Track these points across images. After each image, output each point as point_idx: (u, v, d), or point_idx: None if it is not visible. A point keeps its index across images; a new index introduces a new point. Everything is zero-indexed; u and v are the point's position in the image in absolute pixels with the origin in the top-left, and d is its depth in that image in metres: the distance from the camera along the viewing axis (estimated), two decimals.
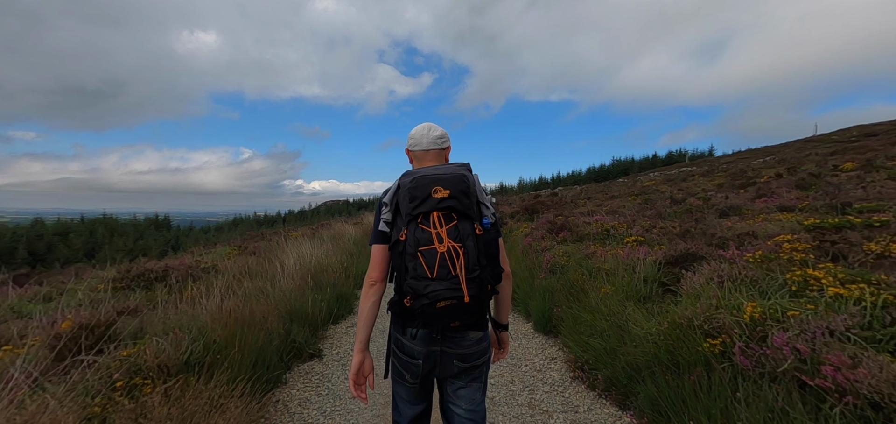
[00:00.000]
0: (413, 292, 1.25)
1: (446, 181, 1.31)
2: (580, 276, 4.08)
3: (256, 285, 4.43)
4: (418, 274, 1.25)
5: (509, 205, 14.33)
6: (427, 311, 1.25)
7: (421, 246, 1.26)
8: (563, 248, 5.46)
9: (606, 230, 5.94)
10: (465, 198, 1.31)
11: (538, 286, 4.64)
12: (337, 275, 5.86)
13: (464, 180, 1.33)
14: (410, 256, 1.27)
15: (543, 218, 7.98)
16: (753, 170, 14.19)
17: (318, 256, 6.78)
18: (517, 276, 5.56)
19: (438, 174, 1.34)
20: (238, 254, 9.02)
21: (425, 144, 1.52)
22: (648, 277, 3.31)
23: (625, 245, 5.10)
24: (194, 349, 2.44)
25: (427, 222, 1.28)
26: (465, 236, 1.27)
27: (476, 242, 1.28)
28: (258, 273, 5.40)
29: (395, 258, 1.35)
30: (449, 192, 1.29)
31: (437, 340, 1.40)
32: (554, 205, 10.28)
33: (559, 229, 6.37)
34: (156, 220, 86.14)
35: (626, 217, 6.73)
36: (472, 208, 1.32)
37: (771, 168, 13.85)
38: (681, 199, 8.00)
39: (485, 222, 1.34)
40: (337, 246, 8.65)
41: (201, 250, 9.67)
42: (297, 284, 4.91)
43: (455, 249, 1.25)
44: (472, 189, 1.35)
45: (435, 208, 1.28)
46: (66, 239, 67.25)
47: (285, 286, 4.69)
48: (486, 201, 1.42)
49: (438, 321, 1.29)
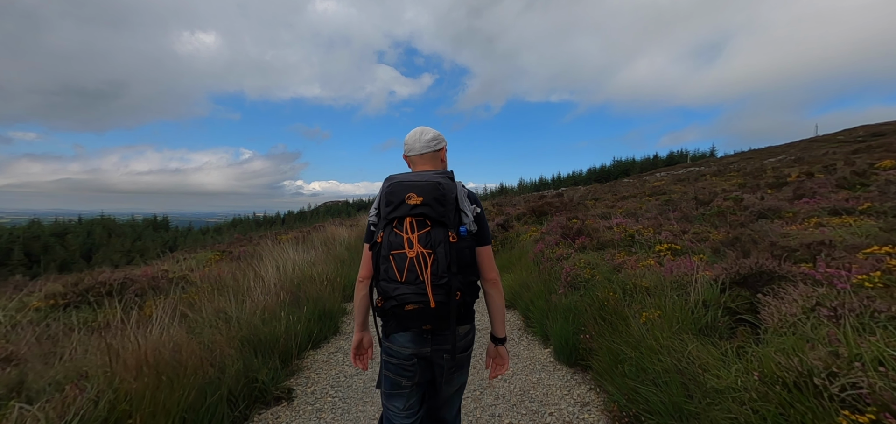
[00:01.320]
0: (383, 293, 1.31)
1: (420, 188, 1.33)
2: (611, 294, 3.32)
3: (218, 305, 3.69)
4: (389, 277, 1.30)
5: (514, 206, 13.58)
6: (396, 313, 1.31)
7: (393, 250, 1.30)
8: (582, 257, 4.71)
9: (631, 236, 5.19)
10: (439, 205, 1.32)
11: (558, 305, 3.89)
12: (322, 288, 5.11)
13: (438, 188, 1.34)
14: (383, 258, 1.32)
15: (554, 221, 7.24)
16: (773, 169, 13.42)
17: (303, 264, 6.03)
18: (530, 289, 4.81)
19: (414, 181, 1.36)
20: (219, 260, 8.28)
21: (418, 149, 1.56)
22: (709, 301, 2.56)
23: (655, 253, 4.35)
24: (87, 417, 1.69)
25: (401, 227, 1.31)
26: (436, 243, 1.29)
27: (448, 249, 1.30)
28: (230, 286, 4.66)
29: (374, 259, 1.39)
30: (422, 199, 1.31)
31: (426, 340, 1.43)
32: (562, 206, 9.53)
33: (575, 235, 5.62)
34: (154, 221, 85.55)
35: (650, 220, 5.98)
36: (447, 215, 1.33)
37: (790, 167, 13.08)
38: (706, 200, 7.25)
39: (461, 230, 1.37)
40: (327, 252, 7.90)
41: (181, 255, 8.93)
42: (272, 300, 4.16)
43: (424, 255, 1.27)
44: (448, 197, 1.35)
45: (408, 214, 1.31)
46: (63, 240, 66.67)
47: (256, 303, 3.94)
48: (468, 209, 1.42)
49: (410, 322, 1.34)
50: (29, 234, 63.00)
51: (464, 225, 1.39)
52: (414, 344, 1.43)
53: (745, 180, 11.06)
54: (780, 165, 15.20)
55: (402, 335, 1.43)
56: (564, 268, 4.45)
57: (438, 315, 1.29)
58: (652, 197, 11.43)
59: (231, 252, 9.13)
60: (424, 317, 1.30)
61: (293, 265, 5.80)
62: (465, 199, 1.44)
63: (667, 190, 13.49)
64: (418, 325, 1.35)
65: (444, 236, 1.30)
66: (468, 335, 1.51)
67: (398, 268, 1.28)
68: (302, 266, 5.87)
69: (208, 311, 3.40)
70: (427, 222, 1.31)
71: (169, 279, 5.32)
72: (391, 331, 1.45)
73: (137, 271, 5.39)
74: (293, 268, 5.65)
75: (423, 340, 1.43)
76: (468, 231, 1.39)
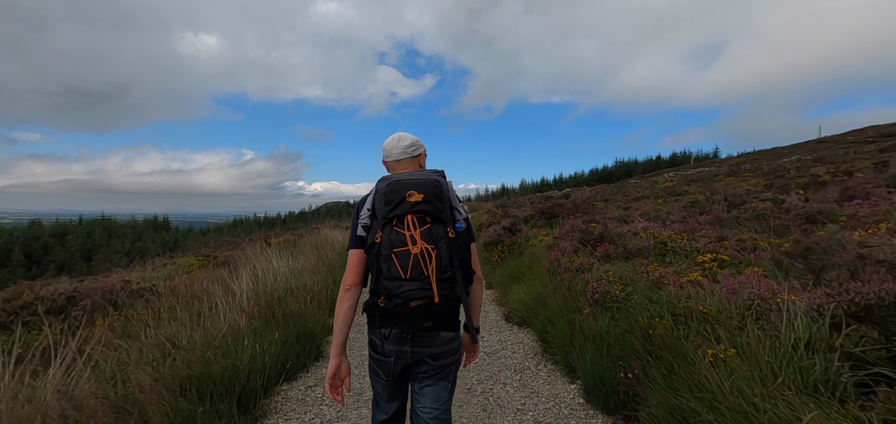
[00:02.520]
0: (387, 292, 1.30)
1: (421, 186, 1.36)
2: (659, 321, 2.61)
3: (169, 330, 2.99)
4: (392, 275, 1.29)
5: (519, 208, 12.85)
6: (400, 311, 1.29)
7: (395, 248, 1.30)
8: (609, 269, 4.00)
9: (662, 243, 4.47)
10: (439, 202, 1.36)
11: (585, 329, 3.17)
12: (304, 302, 4.41)
13: (437, 186, 1.37)
14: (385, 257, 1.31)
15: (568, 225, 6.53)
16: (797, 169, 12.65)
17: (287, 273, 5.33)
18: (547, 306, 4.10)
19: (413, 179, 1.38)
20: (202, 265, 7.60)
21: (396, 154, 1.58)
22: (815, 342, 1.85)
23: (698, 265, 3.64)
24: None
25: (402, 225, 1.33)
26: (437, 239, 1.31)
27: (448, 244, 1.33)
28: (196, 299, 3.97)
29: (371, 260, 1.38)
30: (423, 196, 1.34)
31: (407, 339, 1.43)
32: (574, 208, 8.82)
33: (596, 241, 4.91)
34: (155, 221, 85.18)
35: (679, 224, 5.26)
36: (445, 212, 1.36)
37: (814, 167, 12.32)
38: (737, 201, 6.53)
39: (457, 226, 1.40)
40: (318, 257, 7.21)
41: (163, 261, 8.25)
42: (240, 320, 3.47)
43: (428, 251, 1.29)
44: (446, 194, 1.39)
45: (409, 212, 1.33)
46: (63, 241, 66.39)
47: (218, 326, 3.25)
48: (459, 206, 1.46)
49: (411, 321, 1.33)
50: (29, 235, 62.68)
51: (459, 221, 1.41)
52: (395, 343, 1.44)
53: (768, 181, 10.32)
54: (800, 165, 14.41)
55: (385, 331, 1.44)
56: (590, 282, 3.74)
57: (441, 310, 1.31)
58: (668, 198, 10.69)
59: (216, 257, 8.45)
60: (427, 312, 1.30)
61: (275, 275, 5.11)
62: (455, 198, 1.46)
63: (681, 191, 12.75)
64: (420, 322, 1.33)
65: (444, 232, 1.33)
66: (453, 342, 1.50)
67: (402, 265, 1.28)
68: (285, 276, 5.17)
69: (150, 339, 2.70)
70: (427, 219, 1.33)
71: (131, 291, 4.63)
72: (376, 326, 1.46)
73: (95, 284, 4.70)
74: (274, 278, 4.96)
75: (404, 339, 1.43)
76: (463, 228, 1.42)
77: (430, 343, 1.44)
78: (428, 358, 1.45)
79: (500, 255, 7.27)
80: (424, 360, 1.45)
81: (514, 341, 4.25)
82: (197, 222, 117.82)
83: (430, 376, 1.49)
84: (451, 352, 1.50)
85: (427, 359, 1.45)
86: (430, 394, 1.51)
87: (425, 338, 1.43)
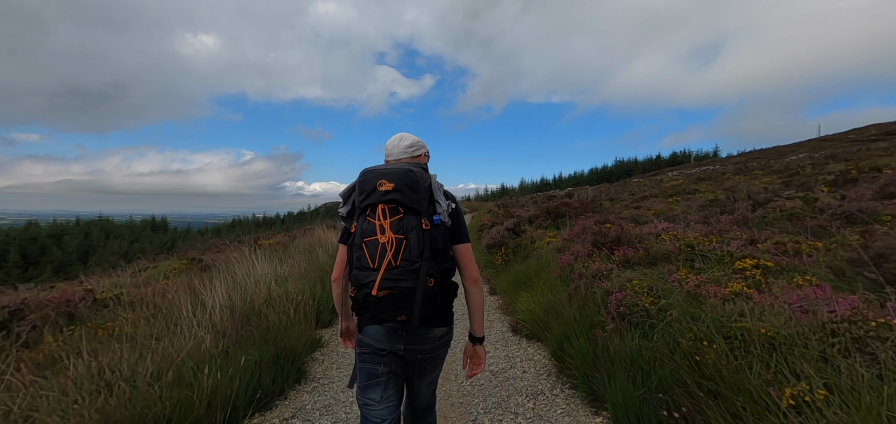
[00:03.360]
0: (356, 281, 1.28)
1: (392, 175, 1.32)
2: (703, 343, 2.12)
3: (113, 353, 2.49)
4: (362, 264, 1.28)
5: (522, 207, 12.36)
6: (368, 301, 1.26)
7: (365, 237, 1.28)
8: (632, 276, 3.51)
9: (689, 246, 3.98)
10: (411, 191, 1.31)
11: (612, 350, 2.68)
12: (287, 313, 3.92)
13: (409, 175, 1.33)
14: (357, 247, 1.30)
15: (578, 225, 6.04)
16: (812, 166, 12.15)
17: (271, 279, 4.84)
18: (561, 318, 3.60)
19: (386, 169, 1.36)
20: (185, 269, 7.11)
21: (396, 154, 1.58)
22: None
23: (738, 273, 3.15)
24: None
25: (373, 215, 1.30)
26: (408, 229, 1.28)
27: (420, 235, 1.28)
28: (161, 313, 3.48)
29: (348, 251, 1.37)
30: (393, 185, 1.30)
31: (401, 337, 1.42)
32: (581, 207, 8.33)
33: (613, 244, 4.41)
34: (153, 221, 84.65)
35: (708, 227, 4.77)
36: (420, 202, 1.32)
37: (828, 164, 11.82)
38: (762, 200, 6.04)
39: (435, 219, 1.35)
40: (308, 261, 6.71)
41: (143, 265, 7.75)
42: (207, 339, 2.98)
43: (395, 240, 1.26)
44: (421, 184, 1.34)
45: (380, 201, 1.30)
46: (60, 242, 65.86)
47: (177, 348, 2.75)
48: (442, 201, 1.39)
49: (382, 312, 1.30)
50: (26, 236, 62.14)
51: (437, 214, 1.36)
52: (387, 340, 1.43)
53: (785, 179, 9.83)
54: (815, 162, 13.90)
55: (376, 329, 1.44)
56: (612, 292, 3.25)
57: (410, 302, 1.26)
58: (677, 197, 10.20)
59: (202, 261, 7.96)
60: (396, 304, 1.26)
61: (257, 282, 4.61)
62: (440, 192, 1.40)
63: (691, 189, 12.25)
64: (392, 315, 1.30)
65: (417, 223, 1.30)
66: (444, 337, 1.51)
67: (371, 254, 1.26)
68: (268, 282, 4.68)
69: (81, 372, 2.20)
70: (400, 209, 1.31)
71: (94, 301, 4.14)
72: (365, 324, 1.46)
73: (51, 294, 4.20)
74: (255, 286, 4.46)
75: (397, 337, 1.43)
76: (441, 221, 1.36)
77: (424, 341, 1.45)
78: (420, 355, 1.47)
79: (504, 258, 6.78)
80: (418, 359, 1.48)
81: (524, 357, 3.76)
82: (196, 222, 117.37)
83: (425, 366, 1.52)
84: (444, 345, 1.53)
85: (420, 357, 1.48)
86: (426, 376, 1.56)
87: (419, 336, 1.44)
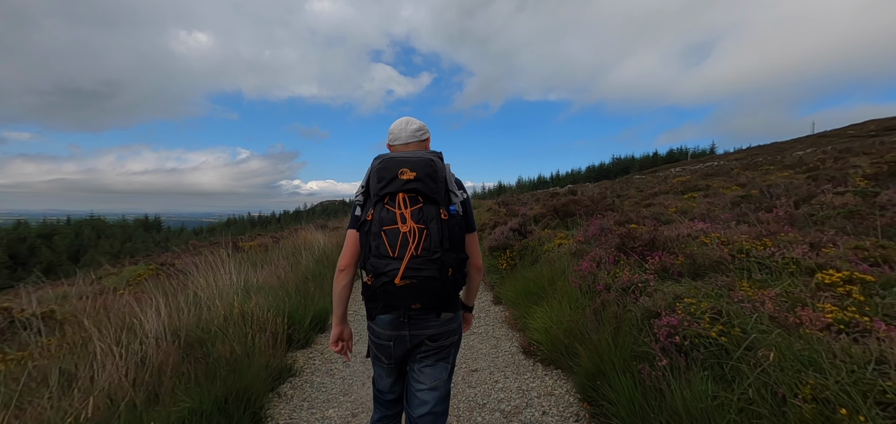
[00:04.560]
0: (374, 270, 1.27)
1: (413, 164, 1.32)
2: (839, 410, 1.40)
3: None
4: (380, 253, 1.26)
5: (525, 205, 11.63)
6: (388, 290, 1.26)
7: (385, 225, 1.27)
8: (677, 290, 2.78)
9: (743, 252, 3.26)
10: (432, 182, 1.32)
11: (670, 398, 1.95)
12: (248, 338, 3.17)
13: (431, 165, 1.34)
14: (375, 235, 1.28)
15: (594, 225, 5.31)
16: (834, 160, 11.48)
17: (240, 290, 4.08)
18: (588, 343, 2.88)
19: (407, 157, 1.35)
20: (150, 276, 6.34)
21: (404, 138, 1.56)
22: None
23: (827, 288, 2.43)
24: None
25: (393, 203, 1.29)
26: (428, 219, 1.27)
27: (440, 225, 1.28)
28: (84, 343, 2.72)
29: (362, 239, 1.36)
30: (415, 174, 1.30)
31: (404, 323, 1.43)
32: (591, 205, 7.60)
33: (644, 248, 3.69)
34: (145, 221, 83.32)
35: (754, 227, 4.04)
36: (439, 192, 1.33)
37: (852, 158, 11.16)
38: (805, 196, 5.34)
39: (451, 209, 1.35)
40: (290, 267, 5.95)
41: (108, 270, 6.97)
42: (126, 384, 2.23)
43: (417, 230, 1.25)
44: (440, 175, 1.35)
45: (401, 190, 1.29)
46: (50, 242, 64.61)
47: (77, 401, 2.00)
48: (456, 189, 1.42)
49: (399, 300, 1.30)
50: (14, 236, 60.83)
51: (453, 204, 1.37)
52: (392, 328, 1.44)
53: (805, 173, 9.15)
54: (829, 156, 13.24)
55: (384, 317, 1.44)
56: (659, 314, 2.52)
57: (429, 291, 1.27)
58: (693, 193, 9.50)
59: (173, 265, 7.18)
60: (415, 292, 1.26)
61: (219, 295, 3.85)
62: (453, 181, 1.43)
63: (702, 186, 11.57)
64: (408, 303, 1.32)
65: (436, 213, 1.29)
66: (452, 322, 1.50)
67: (391, 243, 1.24)
68: (233, 295, 3.92)
69: None
70: (419, 199, 1.30)
71: (13, 320, 3.38)
72: (376, 313, 1.44)
73: None
74: (216, 300, 3.70)
75: (401, 323, 1.43)
76: (457, 211, 1.37)
77: (429, 325, 1.44)
78: (427, 340, 1.46)
79: (509, 262, 6.05)
80: (424, 342, 1.46)
81: (542, 390, 3.04)
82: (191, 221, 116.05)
83: (430, 356, 1.48)
84: (451, 333, 1.50)
85: (426, 341, 1.46)
86: (430, 374, 1.49)
87: (423, 321, 1.43)
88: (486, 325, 4.69)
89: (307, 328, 4.12)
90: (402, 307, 1.35)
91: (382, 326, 1.44)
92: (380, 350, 1.48)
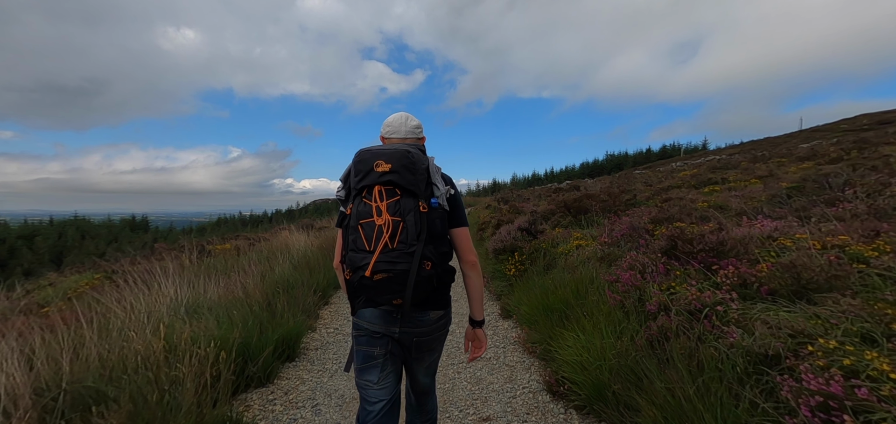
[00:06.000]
0: (351, 264, 1.24)
1: (389, 156, 1.29)
2: None
3: None
4: (358, 247, 1.23)
5: (527, 201, 10.75)
6: (364, 284, 1.23)
7: (361, 219, 1.24)
8: (767, 313, 1.90)
9: (859, 259, 2.39)
10: (409, 173, 1.28)
11: None
12: (174, 385, 2.24)
13: (407, 156, 1.30)
14: (352, 229, 1.25)
15: (623, 224, 4.44)
16: (861, 150, 10.75)
17: (178, 309, 3.14)
18: (656, 398, 1.99)
19: (383, 150, 1.33)
20: (96, 287, 5.35)
21: (403, 133, 1.52)
22: None
23: None
24: None
25: (370, 196, 1.26)
26: (405, 211, 1.25)
27: (417, 218, 1.25)
28: None
29: (344, 233, 1.35)
30: (390, 166, 1.27)
31: (396, 320, 1.40)
32: (610, 200, 6.74)
33: (709, 255, 2.81)
34: (132, 221, 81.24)
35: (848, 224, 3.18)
36: (417, 184, 1.29)
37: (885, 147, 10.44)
38: (876, 188, 4.53)
39: (433, 202, 1.32)
40: (262, 275, 5.00)
41: (56, 277, 5.97)
42: None
43: (392, 223, 1.22)
44: (419, 166, 1.31)
45: (377, 182, 1.27)
46: (31, 243, 62.60)
47: None
48: (440, 184, 1.37)
49: (379, 295, 1.26)
50: None
51: (435, 197, 1.34)
52: (382, 322, 1.41)
53: (836, 163, 8.41)
54: (863, 146, 12.52)
55: (371, 311, 1.42)
56: (802, 375, 1.64)
57: (402, 282, 1.22)
58: (714, 187, 8.70)
59: (129, 272, 6.19)
60: (392, 286, 1.22)
61: (148, 317, 2.90)
62: (438, 175, 1.38)
63: (718, 179, 10.80)
64: (388, 298, 1.26)
65: (415, 206, 1.26)
66: (441, 320, 1.49)
67: (367, 237, 1.22)
68: (172, 317, 2.97)
69: None
70: (397, 191, 1.27)
71: None
72: (360, 307, 1.43)
73: None
74: (142, 325, 2.75)
75: (392, 319, 1.41)
76: (439, 204, 1.34)
77: (420, 323, 1.43)
78: (416, 338, 1.44)
79: (517, 267, 5.16)
80: (414, 342, 1.45)
81: None
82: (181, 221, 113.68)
83: (422, 351, 1.49)
84: (439, 328, 1.49)
85: (416, 339, 1.45)
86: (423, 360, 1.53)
87: (414, 319, 1.42)
88: (495, 346, 3.81)
89: (270, 357, 3.19)
90: (385, 303, 1.30)
91: (369, 320, 1.42)
92: (372, 344, 1.43)
